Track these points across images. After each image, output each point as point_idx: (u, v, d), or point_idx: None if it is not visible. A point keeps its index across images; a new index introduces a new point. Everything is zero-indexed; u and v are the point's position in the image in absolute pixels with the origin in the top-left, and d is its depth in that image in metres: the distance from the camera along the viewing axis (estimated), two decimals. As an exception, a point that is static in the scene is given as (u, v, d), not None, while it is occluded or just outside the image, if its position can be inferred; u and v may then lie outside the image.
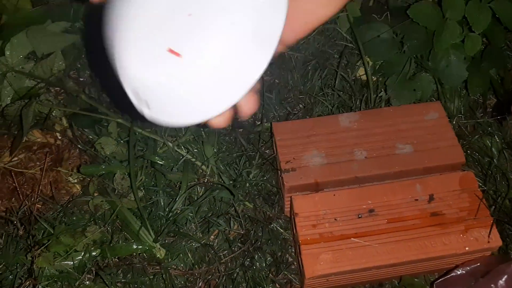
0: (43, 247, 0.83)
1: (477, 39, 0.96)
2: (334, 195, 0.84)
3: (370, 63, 1.06)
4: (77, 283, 0.84)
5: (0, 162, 1.02)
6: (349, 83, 1.06)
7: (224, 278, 0.86)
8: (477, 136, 1.00)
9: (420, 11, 0.96)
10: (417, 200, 0.83)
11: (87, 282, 0.84)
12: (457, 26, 0.95)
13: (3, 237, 0.88)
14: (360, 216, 0.82)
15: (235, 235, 0.91)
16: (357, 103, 1.03)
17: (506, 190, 0.91)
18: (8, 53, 1.06)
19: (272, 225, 0.92)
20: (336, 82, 1.05)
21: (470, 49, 0.96)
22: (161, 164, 0.95)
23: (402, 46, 1.02)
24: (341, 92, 1.05)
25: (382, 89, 1.03)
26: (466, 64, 0.98)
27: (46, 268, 0.83)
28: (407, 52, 1.01)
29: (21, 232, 0.87)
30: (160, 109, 0.35)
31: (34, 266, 0.81)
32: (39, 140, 1.05)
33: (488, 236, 0.78)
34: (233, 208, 0.93)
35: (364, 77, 1.06)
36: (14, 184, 1.00)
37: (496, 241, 0.78)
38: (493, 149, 0.98)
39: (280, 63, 1.10)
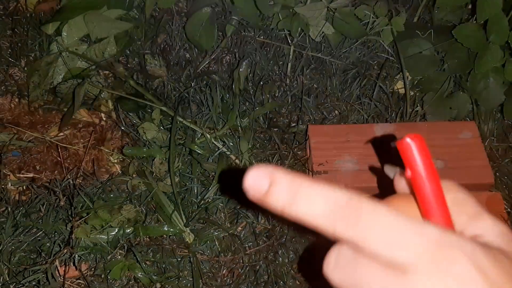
0: (82, 220, 0.88)
1: (518, 64, 0.97)
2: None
3: (409, 77, 1.08)
4: (109, 256, 0.89)
5: (47, 136, 1.08)
6: (386, 95, 1.08)
7: (247, 268, 0.90)
8: (507, 160, 1.01)
9: (465, 32, 0.98)
10: (442, 215, 0.85)
11: (119, 257, 0.89)
12: (499, 51, 0.97)
13: (45, 206, 0.94)
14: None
15: (261, 229, 0.95)
16: (393, 115, 1.06)
17: (532, 215, 0.92)
18: (65, 34, 1.12)
19: (297, 224, 0.95)
20: (374, 92, 1.08)
21: (510, 74, 0.98)
22: (198, 153, 1.00)
23: (443, 64, 1.04)
24: (378, 103, 1.08)
25: (419, 104, 1.05)
26: (504, 88, 1.00)
27: (83, 239, 0.88)
28: (447, 70, 1.03)
29: (62, 203, 0.92)
30: None
31: (73, 236, 0.86)
32: (85, 119, 1.11)
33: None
34: (262, 203, 0.96)
35: (402, 91, 1.09)
36: (58, 158, 1.05)
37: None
38: (523, 174, 0.99)
39: (321, 69, 1.13)
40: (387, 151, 0.75)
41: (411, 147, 0.32)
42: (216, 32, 1.11)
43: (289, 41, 1.14)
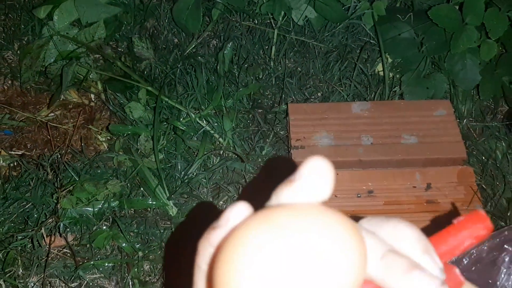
0: (68, 190, 0.91)
1: (493, 45, 1.00)
2: (337, 174, 0.90)
3: (390, 60, 1.11)
4: (95, 227, 0.92)
5: (38, 116, 1.12)
6: (366, 77, 1.11)
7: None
8: (483, 139, 1.04)
9: (441, 13, 1.01)
10: (415, 187, 0.89)
11: (104, 228, 0.92)
12: (475, 31, 1.00)
13: (33, 180, 0.97)
14: (359, 195, 0.88)
15: (242, 203, 0.98)
16: (372, 95, 1.09)
17: (503, 189, 0.95)
18: (56, 18, 1.16)
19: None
20: (354, 74, 1.11)
21: (486, 54, 1.01)
22: (182, 130, 1.03)
23: (422, 46, 1.07)
24: (359, 84, 1.11)
25: (398, 85, 1.08)
26: (480, 68, 1.03)
27: (69, 210, 0.91)
28: (425, 52, 1.06)
29: (50, 176, 0.96)
30: None
31: (58, 206, 0.89)
32: (74, 100, 1.15)
33: (477, 226, 0.83)
34: (244, 179, 1.00)
35: (382, 73, 1.12)
36: (48, 137, 1.09)
37: (484, 232, 0.83)
38: (497, 151, 1.02)
39: (304, 52, 1.17)
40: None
41: None
42: (202, 15, 1.15)
43: (274, 26, 1.17)
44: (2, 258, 0.87)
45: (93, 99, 1.14)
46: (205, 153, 1.01)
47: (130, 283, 0.88)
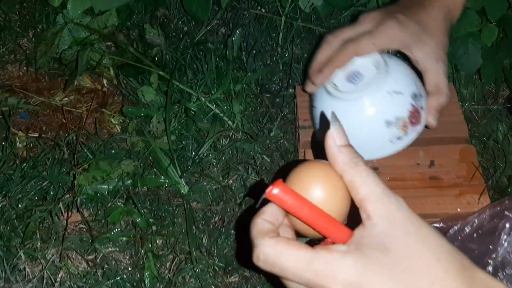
0: (83, 168, 0.95)
1: (493, 29, 1.04)
2: (343, 152, 0.93)
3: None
4: (110, 204, 0.96)
5: (53, 100, 1.15)
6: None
7: (237, 215, 0.97)
8: (485, 121, 1.07)
9: (443, -1, 1.04)
10: (418, 164, 0.92)
11: (119, 204, 0.96)
12: (476, 16, 1.03)
13: (50, 159, 1.01)
14: (365, 172, 0.91)
15: (251, 182, 1.01)
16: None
17: (503, 168, 0.98)
18: (70, 6, 1.19)
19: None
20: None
21: (487, 38, 1.04)
22: (193, 112, 1.06)
23: (424, 32, 1.10)
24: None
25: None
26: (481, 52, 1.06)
27: (85, 187, 0.95)
28: (428, 37, 1.09)
29: (66, 156, 0.99)
30: None
31: (75, 182, 0.93)
32: (88, 85, 1.18)
33: (478, 200, 0.86)
34: (253, 159, 1.03)
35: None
36: (63, 120, 1.13)
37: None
38: (498, 133, 1.05)
39: (311, 39, 1.20)
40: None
41: (278, 196, 0.42)
42: (211, 4, 1.18)
43: (281, 13, 1.21)
44: (21, 232, 0.91)
45: (105, 85, 1.18)
46: (215, 134, 1.04)
47: (144, 256, 0.91)
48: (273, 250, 0.43)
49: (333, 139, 0.45)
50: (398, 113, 0.79)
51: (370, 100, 0.78)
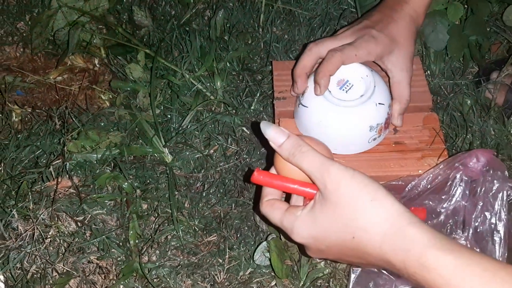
0: (73, 135, 1.02)
1: (459, 6, 1.10)
2: (315, 120, 0.99)
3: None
4: (98, 170, 1.03)
5: (47, 79, 1.23)
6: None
7: (218, 182, 1.04)
8: (452, 94, 1.14)
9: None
10: (384, 131, 0.98)
11: (107, 170, 1.03)
12: (442, -6, 1.10)
13: (43, 131, 1.08)
14: (334, 138, 0.97)
15: (231, 151, 1.08)
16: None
17: (465, 135, 1.04)
18: (63, -9, 1.27)
19: (262, 149, 1.09)
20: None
21: (452, 15, 1.10)
22: (178, 87, 1.13)
23: (396, 12, 1.17)
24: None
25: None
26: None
27: (74, 155, 1.02)
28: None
29: (58, 126, 1.06)
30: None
31: (65, 148, 1.00)
32: (80, 65, 1.26)
33: (437, 161, 0.92)
34: (233, 131, 1.10)
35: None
36: (56, 96, 1.20)
37: (445, 167, 0.92)
38: (465, 106, 1.11)
39: (290, 20, 1.27)
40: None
41: (256, 178, 0.67)
42: (196, -14, 1.26)
43: (262, -4, 1.27)
44: (14, 194, 0.98)
45: (97, 64, 1.25)
46: (198, 108, 1.11)
47: (129, 218, 0.98)
48: (264, 210, 0.68)
49: (273, 144, 0.65)
50: (379, 120, 0.91)
51: (362, 110, 0.89)
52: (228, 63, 1.19)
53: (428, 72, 1.16)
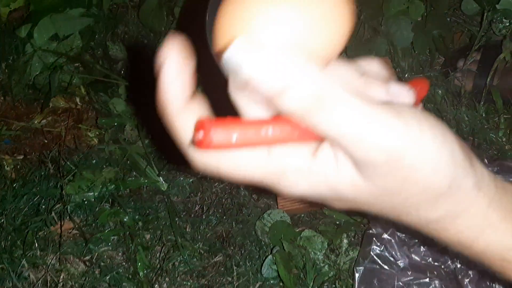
0: (70, 178, 1.05)
1: (419, 4, 1.16)
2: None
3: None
4: (97, 208, 1.06)
5: (32, 124, 1.25)
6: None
7: (215, 202, 1.08)
8: (424, 87, 1.19)
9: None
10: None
11: (106, 207, 1.06)
12: (402, -5, 1.16)
13: (37, 176, 1.11)
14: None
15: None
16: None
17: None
18: (36, 35, 1.29)
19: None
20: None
21: (414, 13, 1.16)
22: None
23: (361, 15, 1.22)
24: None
25: (344, 52, 1.23)
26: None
27: (73, 196, 1.05)
28: (363, 20, 1.21)
29: (51, 171, 1.09)
30: None
31: (63, 192, 1.02)
32: (62, 105, 1.28)
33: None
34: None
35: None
36: (44, 140, 1.22)
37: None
38: (437, 96, 1.17)
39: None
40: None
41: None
42: (165, 15, 1.29)
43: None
44: (21, 244, 1.00)
45: (79, 102, 1.28)
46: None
47: (135, 250, 1.01)
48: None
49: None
50: None
51: None
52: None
53: (398, 69, 1.22)
